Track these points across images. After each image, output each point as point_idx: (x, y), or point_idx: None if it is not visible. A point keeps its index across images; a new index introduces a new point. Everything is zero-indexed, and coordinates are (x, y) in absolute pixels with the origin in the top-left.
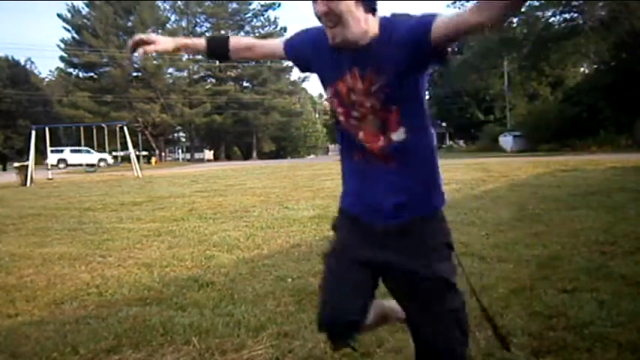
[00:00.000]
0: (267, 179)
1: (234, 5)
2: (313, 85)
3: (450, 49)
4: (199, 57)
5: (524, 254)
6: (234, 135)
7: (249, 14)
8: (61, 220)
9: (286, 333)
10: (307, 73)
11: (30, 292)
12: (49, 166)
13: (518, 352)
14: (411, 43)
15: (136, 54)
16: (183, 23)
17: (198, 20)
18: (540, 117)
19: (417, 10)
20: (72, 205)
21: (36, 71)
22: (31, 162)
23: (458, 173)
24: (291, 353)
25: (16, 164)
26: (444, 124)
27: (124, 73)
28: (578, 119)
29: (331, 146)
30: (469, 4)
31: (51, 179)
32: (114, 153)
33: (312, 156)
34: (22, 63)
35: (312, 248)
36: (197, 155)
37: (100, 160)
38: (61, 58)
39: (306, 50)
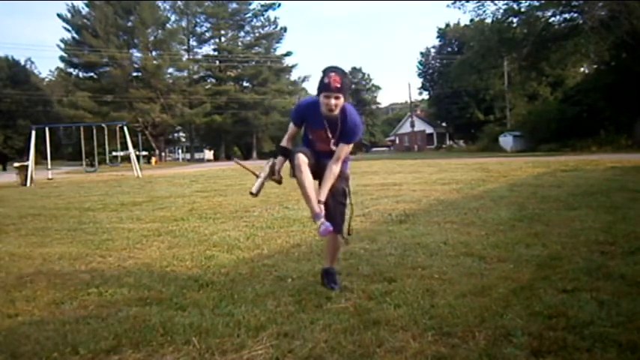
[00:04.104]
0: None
1: (234, 5)
2: (313, 85)
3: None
4: (199, 57)
5: (524, 254)
6: (234, 135)
7: (249, 14)
8: (61, 220)
9: (286, 333)
10: (307, 73)
11: (30, 292)
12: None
13: (518, 352)
14: (344, 131)
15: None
16: (183, 23)
17: (198, 20)
18: (540, 117)
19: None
20: (72, 205)
21: (36, 71)
22: (31, 162)
23: (458, 173)
24: (291, 353)
25: (16, 164)
26: (444, 124)
27: (124, 73)
28: (578, 119)
29: None
30: (469, 5)
31: (51, 179)
32: (114, 153)
33: None
34: (22, 63)
35: (312, 248)
36: (197, 155)
37: None
38: (61, 58)
39: (304, 114)
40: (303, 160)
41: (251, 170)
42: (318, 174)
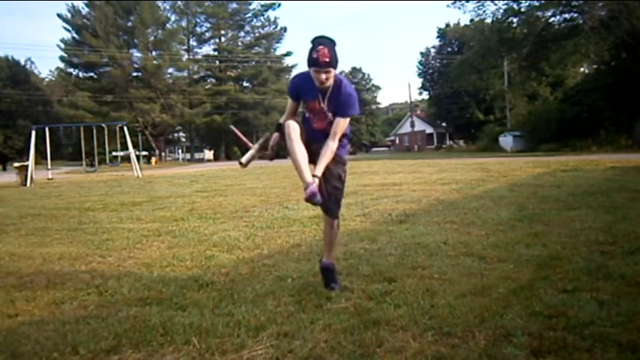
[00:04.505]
0: (267, 179)
1: (234, 5)
2: None
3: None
4: (199, 57)
5: (524, 254)
6: (234, 135)
7: (249, 14)
8: (61, 220)
9: (286, 333)
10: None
11: (30, 292)
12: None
13: (518, 352)
14: (339, 102)
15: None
16: (184, 23)
17: (198, 20)
18: (540, 117)
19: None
20: (72, 205)
21: (36, 71)
22: (31, 162)
23: (458, 173)
24: (291, 353)
25: (16, 164)
26: (444, 124)
27: (124, 73)
28: (578, 119)
29: None
30: (469, 5)
31: (51, 179)
32: (114, 153)
33: None
34: (22, 63)
35: (312, 248)
36: (197, 155)
37: None
38: (61, 58)
39: (298, 86)
40: (293, 127)
41: (245, 141)
42: (314, 156)
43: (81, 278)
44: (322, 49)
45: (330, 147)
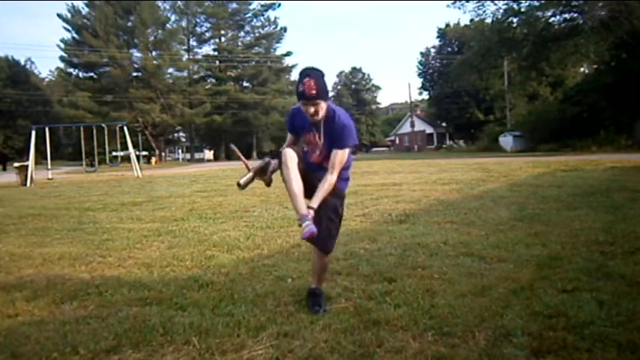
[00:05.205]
0: None
1: (234, 5)
2: None
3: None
4: (199, 57)
5: (524, 254)
6: (234, 135)
7: (249, 14)
8: (61, 220)
9: (286, 333)
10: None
11: (30, 292)
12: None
13: (518, 352)
14: (334, 134)
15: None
16: (184, 23)
17: (198, 20)
18: (540, 117)
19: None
20: (72, 205)
21: (36, 71)
22: (31, 162)
23: (458, 173)
24: (291, 353)
25: (16, 164)
26: (444, 124)
27: (124, 73)
28: (578, 119)
29: None
30: (469, 5)
31: (51, 179)
32: (114, 153)
33: None
34: (22, 63)
35: (312, 248)
36: (197, 155)
37: None
38: (61, 58)
39: (294, 122)
40: (290, 155)
41: (245, 162)
42: (311, 189)
43: (81, 278)
44: (308, 82)
45: (329, 181)
